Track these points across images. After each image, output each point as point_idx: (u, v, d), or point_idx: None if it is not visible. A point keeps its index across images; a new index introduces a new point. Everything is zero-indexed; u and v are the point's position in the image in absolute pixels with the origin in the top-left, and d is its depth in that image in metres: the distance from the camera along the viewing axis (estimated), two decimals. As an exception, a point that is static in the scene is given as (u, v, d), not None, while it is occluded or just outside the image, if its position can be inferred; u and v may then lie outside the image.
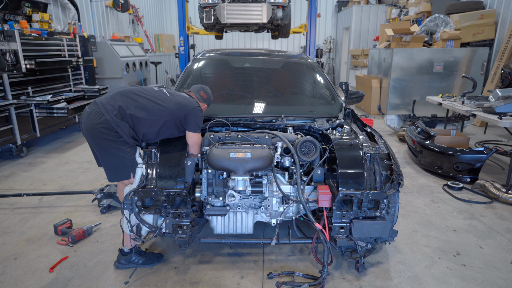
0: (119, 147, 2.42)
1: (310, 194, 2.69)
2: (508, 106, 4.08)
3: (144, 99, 2.54)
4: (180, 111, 2.57)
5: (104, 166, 2.52)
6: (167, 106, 2.57)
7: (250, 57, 4.25)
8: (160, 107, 2.54)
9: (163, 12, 14.99)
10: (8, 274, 2.65)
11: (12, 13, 5.86)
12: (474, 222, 3.50)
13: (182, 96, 2.69)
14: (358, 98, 3.90)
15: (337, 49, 15.00)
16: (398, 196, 2.51)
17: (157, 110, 2.53)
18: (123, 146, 2.43)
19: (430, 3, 9.57)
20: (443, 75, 7.45)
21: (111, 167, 2.49)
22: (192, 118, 2.59)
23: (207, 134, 2.75)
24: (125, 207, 2.40)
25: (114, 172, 2.50)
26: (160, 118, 2.53)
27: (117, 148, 2.42)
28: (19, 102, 5.26)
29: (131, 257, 2.67)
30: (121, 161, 2.44)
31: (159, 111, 2.53)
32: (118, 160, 2.44)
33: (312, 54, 9.04)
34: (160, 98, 2.59)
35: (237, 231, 2.69)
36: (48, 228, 3.31)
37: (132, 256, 2.67)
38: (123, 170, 2.47)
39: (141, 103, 2.52)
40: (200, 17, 6.95)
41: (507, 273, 2.72)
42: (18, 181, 4.50)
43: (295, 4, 13.60)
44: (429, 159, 4.83)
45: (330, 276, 2.64)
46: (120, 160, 2.43)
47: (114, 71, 8.29)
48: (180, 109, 2.57)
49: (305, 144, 2.66)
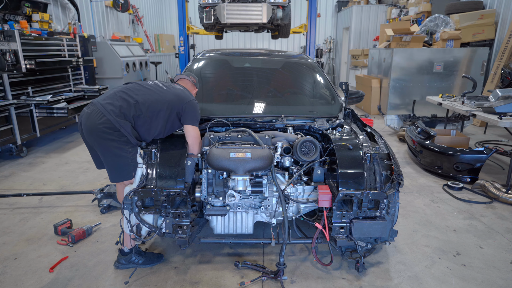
0: (122, 147, 2.41)
1: (310, 194, 2.70)
2: (508, 106, 4.08)
3: (142, 96, 2.53)
4: (179, 102, 2.59)
5: (106, 166, 2.51)
6: (166, 98, 2.58)
7: (250, 57, 4.25)
8: (159, 101, 2.55)
9: (163, 12, 14.99)
10: (8, 274, 2.65)
11: (12, 13, 5.86)
12: (474, 222, 3.50)
13: (177, 88, 2.71)
14: (358, 98, 3.90)
15: (337, 49, 14.99)
16: (398, 196, 2.51)
17: (157, 104, 2.53)
18: (125, 146, 2.43)
19: (430, 3, 9.57)
20: (443, 75, 7.45)
21: (114, 167, 2.48)
22: (190, 111, 2.60)
23: (207, 134, 2.75)
24: (125, 207, 2.40)
25: (117, 172, 2.49)
26: (161, 111, 2.53)
27: (119, 148, 2.41)
28: (19, 102, 5.26)
29: (131, 257, 2.67)
30: (124, 161, 2.43)
31: (159, 105, 2.54)
32: (120, 160, 2.43)
33: (312, 54, 9.03)
34: (158, 92, 2.59)
35: (237, 231, 2.69)
36: (48, 228, 3.31)
37: (132, 256, 2.67)
38: (125, 170, 2.46)
39: (141, 100, 2.51)
40: (200, 17, 6.95)
41: (507, 273, 2.72)
42: (18, 181, 4.50)
43: (295, 4, 13.60)
44: (429, 159, 4.83)
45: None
46: (123, 160, 2.43)
47: (114, 71, 8.29)
48: (179, 100, 2.59)
49: (305, 144, 2.66)
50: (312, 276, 2.65)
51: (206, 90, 3.81)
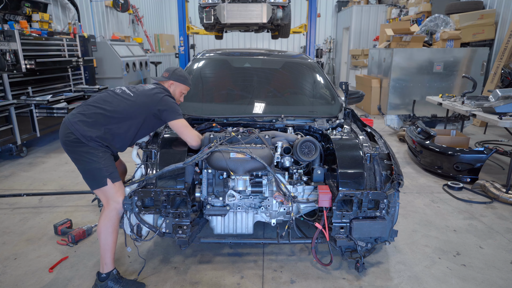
0: (91, 152, 2.34)
1: (310, 194, 2.70)
2: (508, 106, 4.08)
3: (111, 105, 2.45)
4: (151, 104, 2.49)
5: (82, 175, 2.42)
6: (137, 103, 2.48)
7: (250, 57, 4.25)
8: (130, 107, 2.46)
9: (163, 12, 14.99)
10: (8, 274, 2.65)
11: (12, 13, 5.86)
12: (474, 222, 3.50)
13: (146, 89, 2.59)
14: (358, 98, 3.90)
15: (337, 49, 15.00)
16: (398, 196, 2.51)
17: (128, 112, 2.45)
18: (95, 151, 2.35)
19: (430, 3, 9.56)
20: (443, 75, 7.46)
21: (87, 175, 2.39)
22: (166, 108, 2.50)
23: (207, 134, 2.75)
24: (125, 207, 2.40)
25: (91, 180, 2.38)
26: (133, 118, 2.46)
27: (88, 153, 2.34)
28: (19, 102, 5.26)
29: (106, 285, 2.41)
30: (95, 167, 2.34)
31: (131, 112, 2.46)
32: (91, 166, 2.34)
33: (312, 54, 9.03)
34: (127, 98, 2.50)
35: (237, 231, 2.69)
36: (48, 228, 3.31)
37: (108, 283, 2.41)
38: (99, 176, 2.34)
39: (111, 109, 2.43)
40: (200, 17, 6.95)
41: (507, 273, 2.72)
42: (18, 181, 4.50)
43: (295, 4, 13.60)
44: (429, 159, 4.83)
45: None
46: (94, 166, 2.34)
47: (114, 71, 8.29)
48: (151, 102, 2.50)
49: (305, 144, 2.66)
50: (312, 276, 2.65)
51: (206, 90, 3.81)
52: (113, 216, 2.37)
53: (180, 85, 2.76)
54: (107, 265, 2.41)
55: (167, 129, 2.89)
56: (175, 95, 2.74)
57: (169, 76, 2.72)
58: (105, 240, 2.38)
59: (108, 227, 2.37)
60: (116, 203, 2.37)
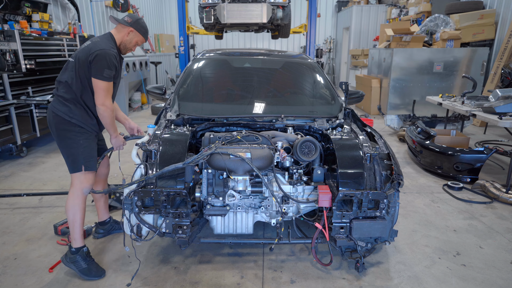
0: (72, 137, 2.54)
1: (310, 194, 2.70)
2: (508, 106, 4.08)
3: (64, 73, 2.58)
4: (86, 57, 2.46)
5: (64, 157, 2.61)
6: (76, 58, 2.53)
7: (250, 57, 4.25)
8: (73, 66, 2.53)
9: (163, 12, 14.98)
10: (8, 274, 2.65)
11: (12, 13, 5.85)
12: (474, 222, 3.50)
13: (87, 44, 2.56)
14: (358, 98, 3.90)
15: (337, 49, 14.99)
16: (398, 196, 2.51)
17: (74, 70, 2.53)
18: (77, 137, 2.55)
19: (430, 3, 9.57)
20: (443, 75, 7.46)
21: (66, 157, 2.60)
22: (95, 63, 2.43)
23: (207, 134, 2.75)
24: (125, 207, 2.40)
25: (69, 162, 2.59)
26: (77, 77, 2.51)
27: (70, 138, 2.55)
28: (19, 102, 5.26)
29: (75, 258, 2.59)
30: (74, 151, 2.55)
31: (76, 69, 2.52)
32: (70, 150, 2.56)
33: (312, 54, 9.04)
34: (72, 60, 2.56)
35: (237, 231, 2.69)
36: (48, 228, 3.31)
37: (77, 257, 2.59)
38: (75, 161, 2.56)
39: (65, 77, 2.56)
40: (200, 17, 6.95)
41: (507, 273, 2.72)
42: (18, 181, 4.50)
43: (295, 4, 13.60)
44: (429, 159, 4.83)
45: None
46: (73, 150, 2.55)
47: (114, 71, 8.26)
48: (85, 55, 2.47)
49: (305, 144, 2.66)
50: (312, 276, 2.65)
51: (206, 90, 3.81)
52: (80, 195, 2.61)
53: (139, 35, 2.71)
54: (75, 241, 2.61)
55: (167, 129, 2.89)
56: (130, 43, 2.70)
57: (132, 23, 2.65)
58: (73, 217, 2.60)
59: (75, 204, 2.60)
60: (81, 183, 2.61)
